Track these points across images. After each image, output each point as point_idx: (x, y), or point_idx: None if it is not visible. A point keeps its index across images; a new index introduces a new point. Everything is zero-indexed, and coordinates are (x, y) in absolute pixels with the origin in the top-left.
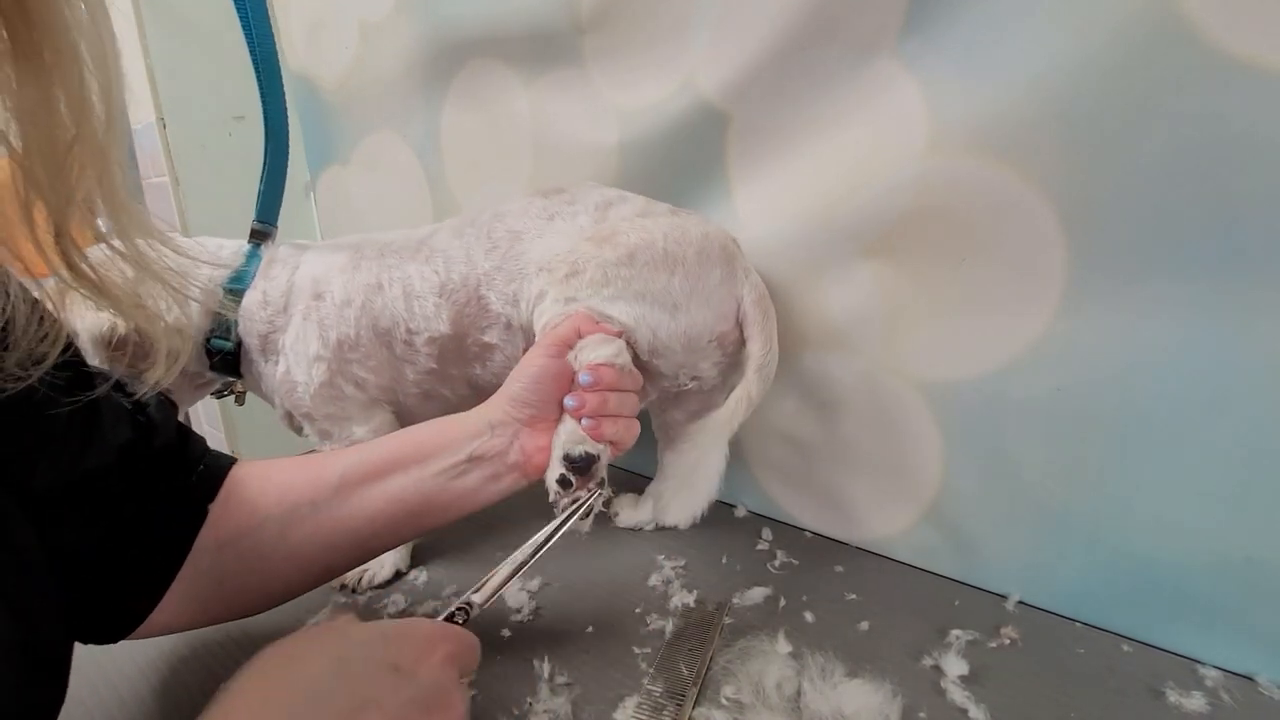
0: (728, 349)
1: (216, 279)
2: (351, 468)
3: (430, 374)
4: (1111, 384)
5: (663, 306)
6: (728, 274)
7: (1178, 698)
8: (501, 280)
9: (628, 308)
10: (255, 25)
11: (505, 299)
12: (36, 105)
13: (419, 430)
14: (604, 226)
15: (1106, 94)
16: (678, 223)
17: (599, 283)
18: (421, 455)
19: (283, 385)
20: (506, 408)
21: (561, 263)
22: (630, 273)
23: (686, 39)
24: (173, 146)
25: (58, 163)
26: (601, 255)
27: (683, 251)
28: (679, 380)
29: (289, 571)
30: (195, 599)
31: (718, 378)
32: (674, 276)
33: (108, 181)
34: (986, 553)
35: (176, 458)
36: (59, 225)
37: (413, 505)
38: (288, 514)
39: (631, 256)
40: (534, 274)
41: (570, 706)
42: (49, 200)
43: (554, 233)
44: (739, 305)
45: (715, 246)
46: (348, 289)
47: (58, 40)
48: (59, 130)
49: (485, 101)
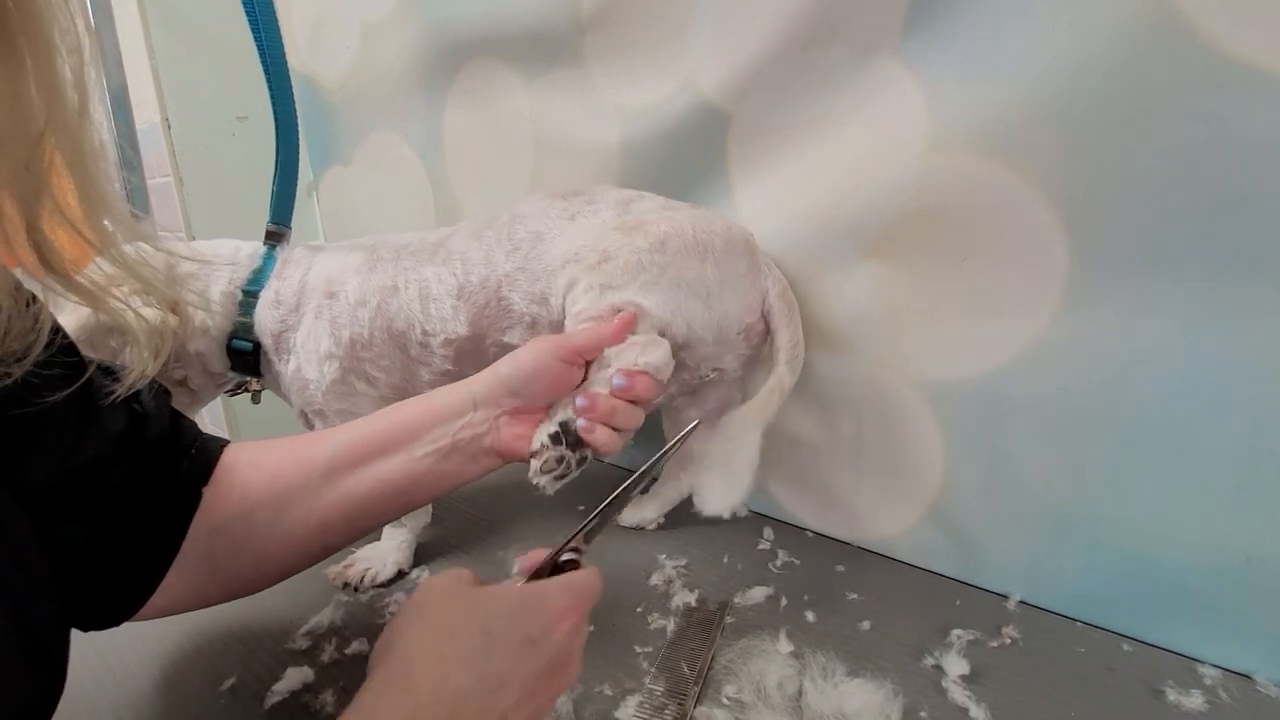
0: (753, 341)
1: (236, 281)
2: (340, 450)
3: (446, 375)
4: (1112, 384)
5: (697, 295)
6: (752, 265)
7: (1177, 696)
8: (525, 280)
9: (663, 297)
10: (263, 26)
11: (530, 298)
12: (6, 93)
13: (406, 408)
14: (629, 218)
15: (1107, 94)
16: (702, 214)
17: (633, 269)
18: (409, 436)
19: (294, 382)
20: (493, 387)
21: (591, 251)
22: (664, 259)
23: (687, 39)
24: (177, 147)
25: (27, 152)
26: (633, 243)
27: (711, 240)
28: (700, 372)
29: (283, 553)
30: (192, 581)
31: (738, 370)
32: (705, 264)
33: (80, 172)
34: (988, 552)
35: (170, 444)
36: (29, 218)
37: (401, 486)
38: (279, 498)
39: (663, 243)
40: (561, 268)
41: (572, 705)
42: (18, 191)
43: (578, 230)
44: (764, 298)
45: (739, 239)
46: (363, 289)
47: (30, 27)
48: (29, 119)
49: (487, 101)
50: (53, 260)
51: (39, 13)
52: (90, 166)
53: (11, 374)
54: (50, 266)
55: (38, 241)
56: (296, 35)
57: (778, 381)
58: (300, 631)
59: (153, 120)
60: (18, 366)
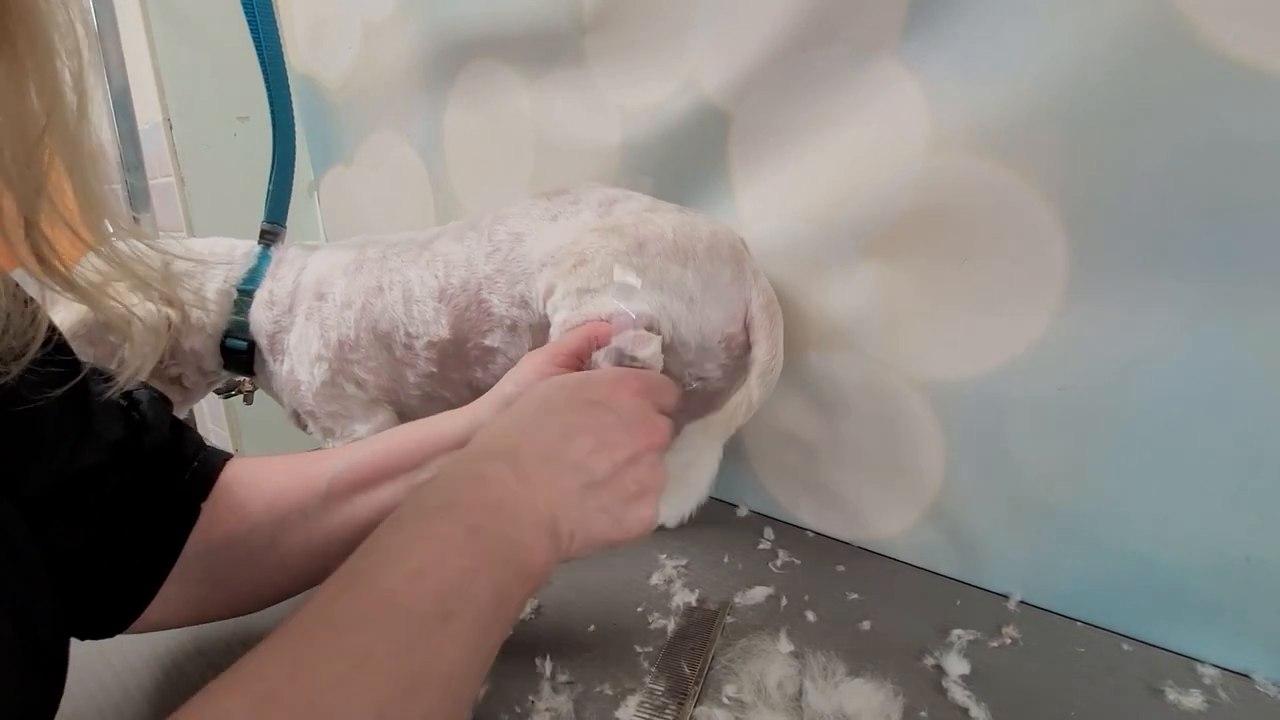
0: (734, 352)
1: (232, 280)
2: (340, 475)
3: (430, 377)
4: (1112, 384)
5: (679, 298)
6: (737, 274)
7: (1176, 696)
8: (505, 283)
9: (646, 295)
10: (262, 26)
11: (510, 301)
12: (7, 93)
13: (408, 433)
14: (609, 220)
15: (1107, 95)
16: (686, 219)
17: (609, 272)
18: (409, 463)
19: (287, 384)
20: (497, 407)
21: (567, 255)
22: (642, 261)
23: (688, 39)
24: (178, 147)
25: (27, 152)
26: (608, 244)
27: (693, 246)
28: (684, 381)
29: (280, 577)
30: (188, 598)
31: (723, 380)
32: (686, 270)
33: (78, 172)
34: (988, 552)
35: (170, 455)
36: (28, 216)
37: None
38: (278, 522)
39: (641, 246)
40: (538, 271)
41: (572, 705)
42: (18, 190)
43: (558, 231)
44: (747, 307)
45: (724, 245)
46: (349, 291)
47: (30, 28)
48: (29, 119)
49: (487, 101)
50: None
51: (38, 14)
52: (89, 168)
53: (10, 372)
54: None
55: (36, 241)
56: (298, 36)
57: (746, 396)
58: None
59: (155, 121)
60: (15, 365)
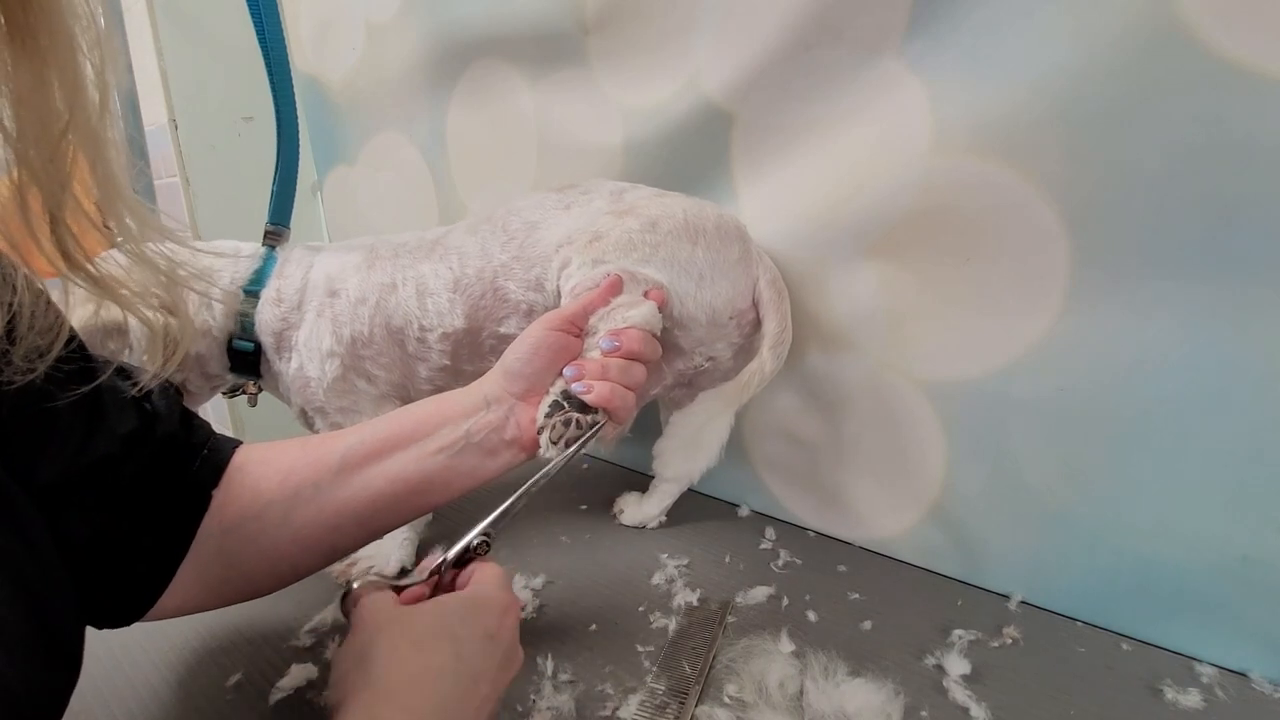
0: (744, 329)
1: (238, 280)
2: (352, 448)
3: (443, 370)
4: (1113, 384)
5: (689, 275)
6: (744, 253)
7: (1175, 695)
8: (520, 269)
9: (656, 272)
10: (267, 28)
11: (526, 285)
12: (31, 89)
13: (417, 408)
14: (622, 204)
15: (1108, 96)
16: (696, 201)
17: (624, 246)
18: (420, 433)
19: (296, 381)
20: (501, 381)
21: (583, 234)
22: (655, 238)
23: (691, 39)
24: (184, 148)
25: (51, 147)
26: (623, 224)
27: (703, 224)
28: (694, 360)
29: (295, 553)
30: (203, 582)
31: (731, 360)
32: (696, 247)
33: (102, 167)
34: (989, 553)
35: (181, 444)
36: (54, 212)
37: (414, 484)
38: (290, 497)
39: (654, 224)
40: (555, 252)
41: (573, 704)
42: (43, 186)
43: (572, 218)
44: (755, 285)
45: (731, 225)
46: (363, 287)
47: (53, 23)
48: (53, 114)
49: (491, 102)
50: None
51: (59, 9)
52: (111, 162)
53: (35, 369)
54: (74, 262)
55: (62, 236)
56: (303, 37)
57: (759, 365)
58: (304, 629)
59: (160, 121)
60: (41, 362)
